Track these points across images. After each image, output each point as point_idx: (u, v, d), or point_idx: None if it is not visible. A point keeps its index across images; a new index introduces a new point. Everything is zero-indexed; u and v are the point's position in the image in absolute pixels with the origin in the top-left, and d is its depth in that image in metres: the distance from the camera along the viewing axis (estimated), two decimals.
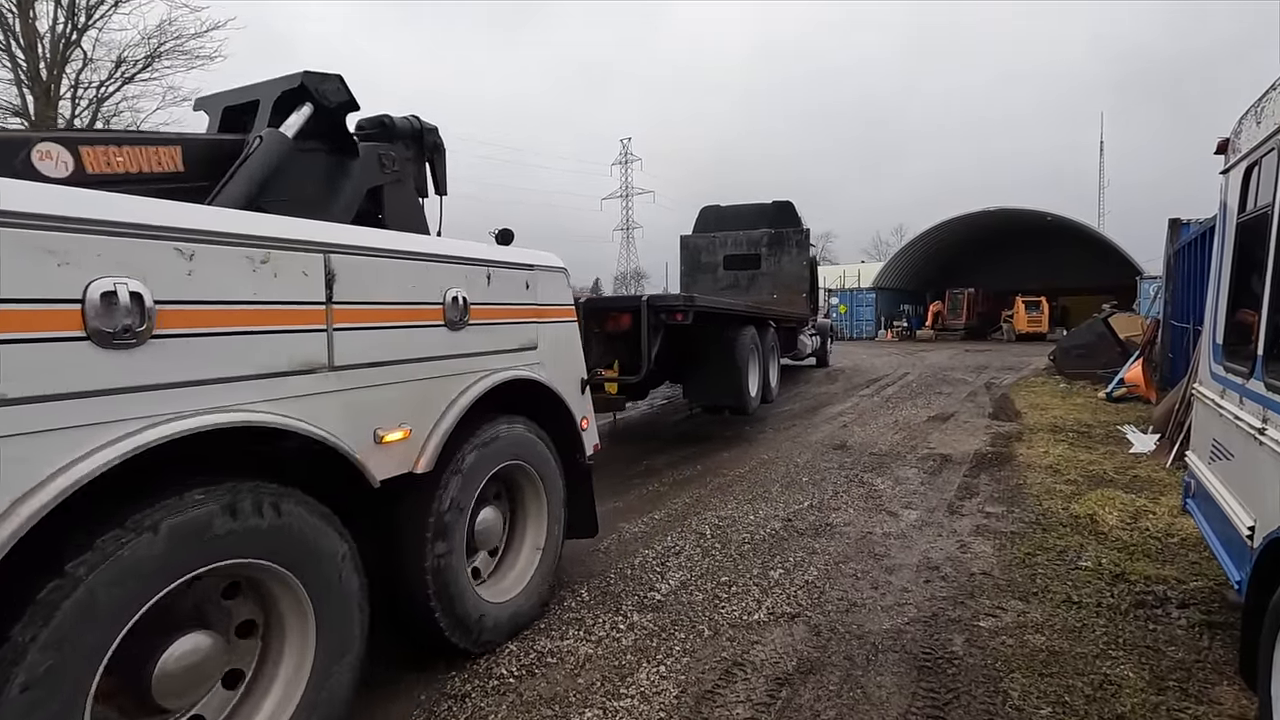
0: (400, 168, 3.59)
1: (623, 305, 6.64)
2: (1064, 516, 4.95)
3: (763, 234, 13.79)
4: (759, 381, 8.65)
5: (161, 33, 15.66)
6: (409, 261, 2.69)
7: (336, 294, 2.32)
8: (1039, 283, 34.12)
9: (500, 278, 3.17)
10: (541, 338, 3.45)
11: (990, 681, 2.83)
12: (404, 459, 2.61)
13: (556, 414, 3.56)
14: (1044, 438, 7.84)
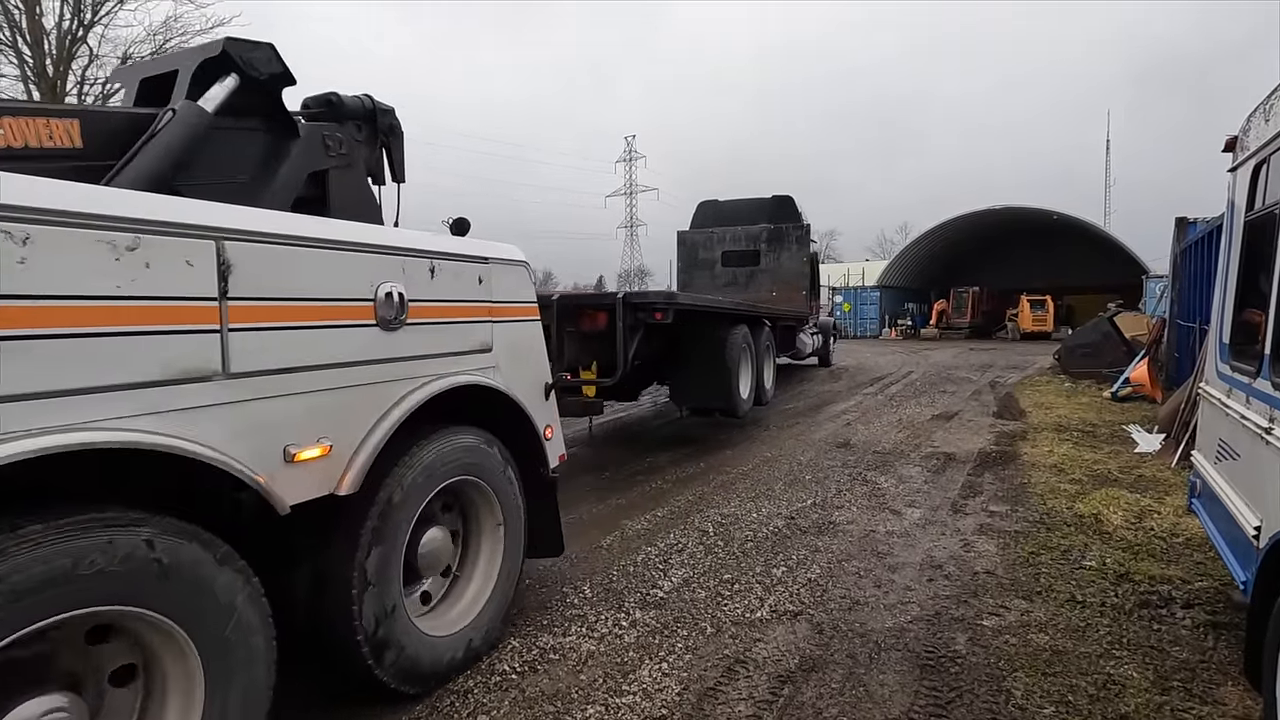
0: (349, 151, 3.25)
1: (598, 303, 6.16)
2: (1068, 516, 4.94)
3: (761, 229, 13.49)
4: (751, 383, 8.33)
5: (167, 29, 15.70)
6: (331, 251, 2.33)
7: (233, 288, 1.98)
8: (1044, 281, 33.99)
9: (447, 271, 2.83)
10: (497, 339, 3.11)
11: (993, 680, 2.82)
12: (324, 479, 2.27)
13: (516, 423, 3.21)
14: (1048, 437, 7.81)
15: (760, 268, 13.41)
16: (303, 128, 3.10)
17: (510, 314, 3.23)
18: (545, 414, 3.45)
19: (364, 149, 3.37)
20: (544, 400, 3.46)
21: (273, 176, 2.92)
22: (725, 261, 13.73)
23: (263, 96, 2.91)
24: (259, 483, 2.00)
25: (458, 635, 2.90)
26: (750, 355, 8.27)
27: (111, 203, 1.78)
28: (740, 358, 7.83)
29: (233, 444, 1.95)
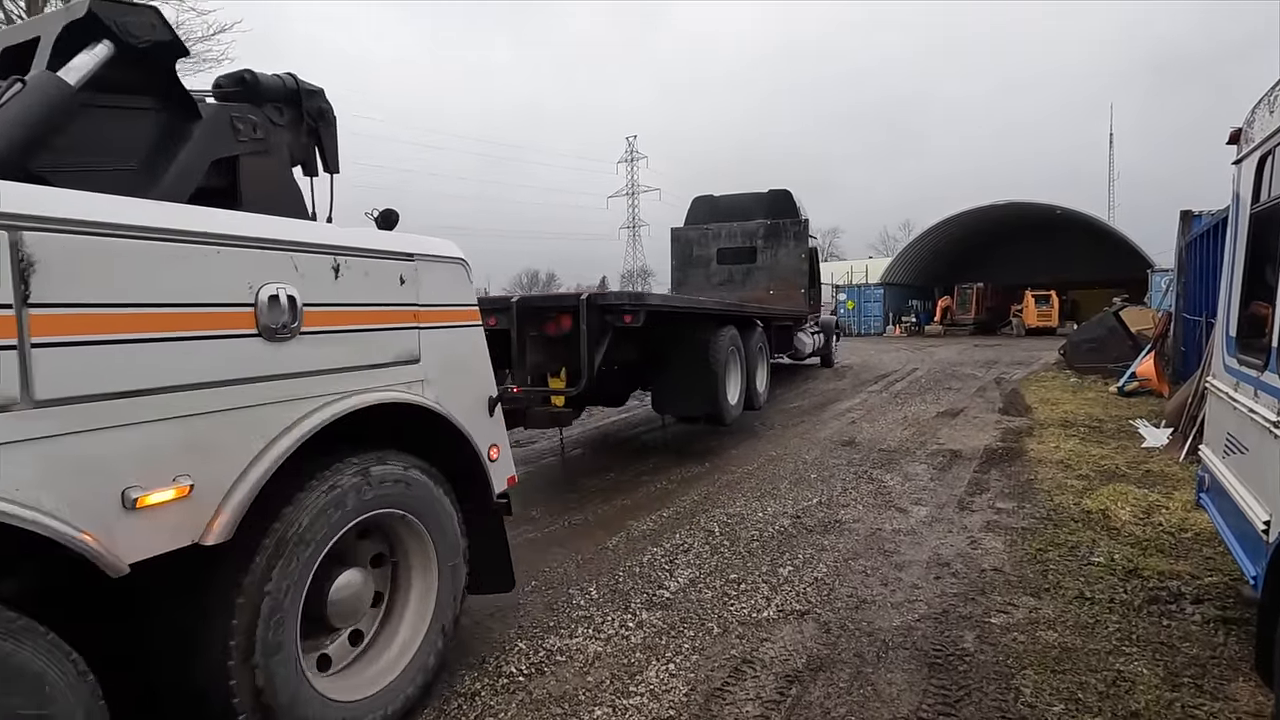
0: (265, 135, 2.87)
1: (561, 305, 5.63)
2: (1076, 512, 4.91)
3: (758, 225, 13.01)
4: (740, 387, 7.77)
5: None
6: (188, 245, 1.89)
7: (38, 292, 1.58)
8: (1048, 277, 33.89)
9: (357, 270, 2.43)
10: (427, 348, 2.72)
11: (1002, 678, 2.81)
12: (184, 526, 1.85)
13: (452, 444, 2.82)
14: (1055, 433, 7.78)
15: (757, 265, 12.95)
16: (207, 108, 2.72)
17: (443, 319, 2.85)
18: (489, 432, 3.06)
19: (286, 134, 2.98)
20: (488, 416, 3.07)
21: (168, 162, 2.53)
22: (721, 259, 13.27)
23: (150, 69, 2.50)
24: (83, 542, 1.60)
25: (378, 697, 2.47)
26: (739, 358, 7.75)
27: None
28: (727, 361, 7.26)
29: (41, 490, 1.56)
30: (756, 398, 8.66)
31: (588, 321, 5.29)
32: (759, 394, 8.87)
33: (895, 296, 35.39)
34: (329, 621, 2.39)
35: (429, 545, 2.71)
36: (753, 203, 13.33)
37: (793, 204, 13.09)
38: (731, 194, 13.74)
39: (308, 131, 3.09)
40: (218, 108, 2.78)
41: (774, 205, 13.10)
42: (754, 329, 8.85)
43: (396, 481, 2.52)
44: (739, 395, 7.68)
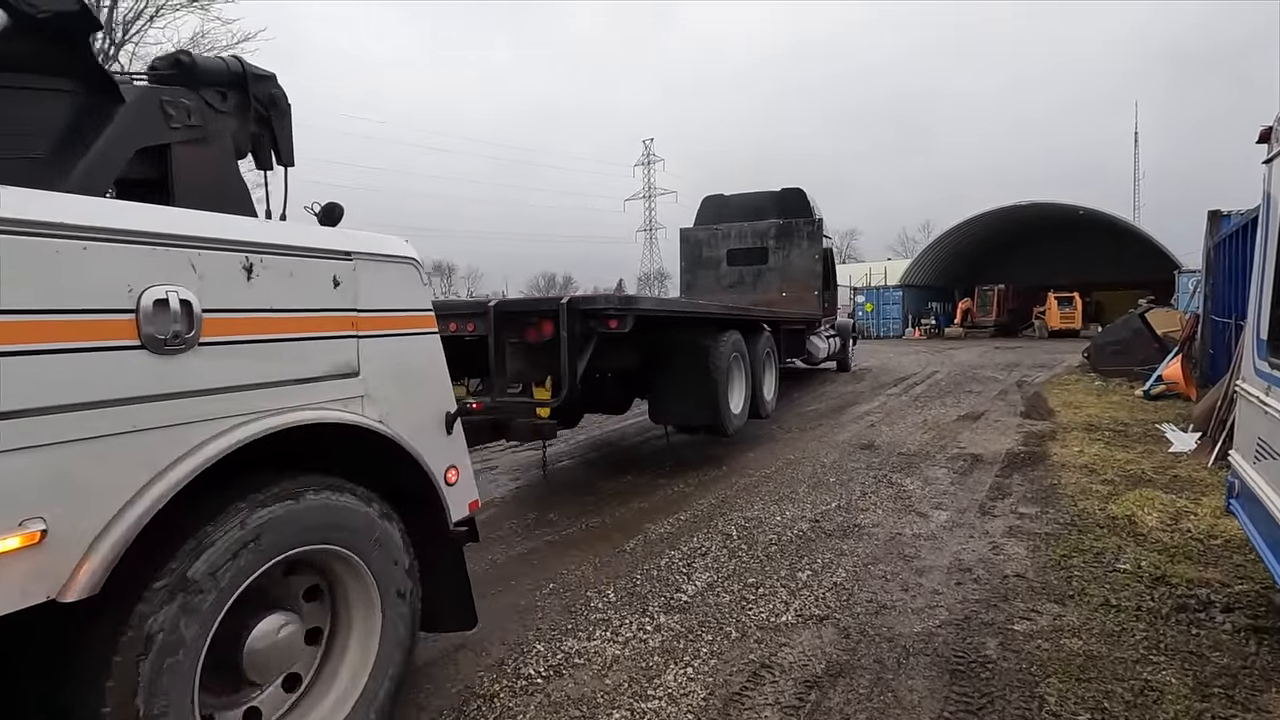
0: (203, 122, 2.59)
1: (541, 310, 5.17)
2: (1101, 517, 4.83)
3: (770, 225, 12.57)
4: (745, 395, 7.38)
5: (195, 45, 16.04)
6: (47, 240, 1.58)
7: None
8: (1071, 278, 33.39)
9: (276, 271, 2.09)
10: (368, 359, 2.40)
11: (1026, 686, 2.77)
12: (35, 580, 1.54)
13: (400, 467, 2.52)
14: (1079, 436, 7.66)
15: (768, 266, 12.54)
16: (131, 91, 2.45)
17: (390, 326, 2.53)
18: (446, 452, 2.75)
19: (230, 122, 2.72)
20: (444, 435, 2.76)
21: (82, 149, 2.26)
22: (731, 260, 12.85)
23: (57, 44, 2.21)
24: None
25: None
26: (743, 364, 7.36)
27: None
28: (729, 368, 6.88)
29: None
30: (763, 406, 8.26)
31: (569, 327, 4.82)
32: (766, 402, 8.43)
33: (914, 298, 35.08)
34: (247, 675, 2.04)
35: (369, 585, 2.34)
36: (764, 202, 12.92)
37: (806, 203, 12.67)
38: (742, 193, 13.30)
39: (257, 120, 2.82)
40: (145, 90, 2.50)
41: (786, 204, 12.70)
42: (760, 333, 8.46)
43: (327, 512, 2.16)
44: (743, 404, 7.33)
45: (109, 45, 15.45)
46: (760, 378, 8.08)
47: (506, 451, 7.71)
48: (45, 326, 1.57)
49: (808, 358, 12.55)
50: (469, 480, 2.91)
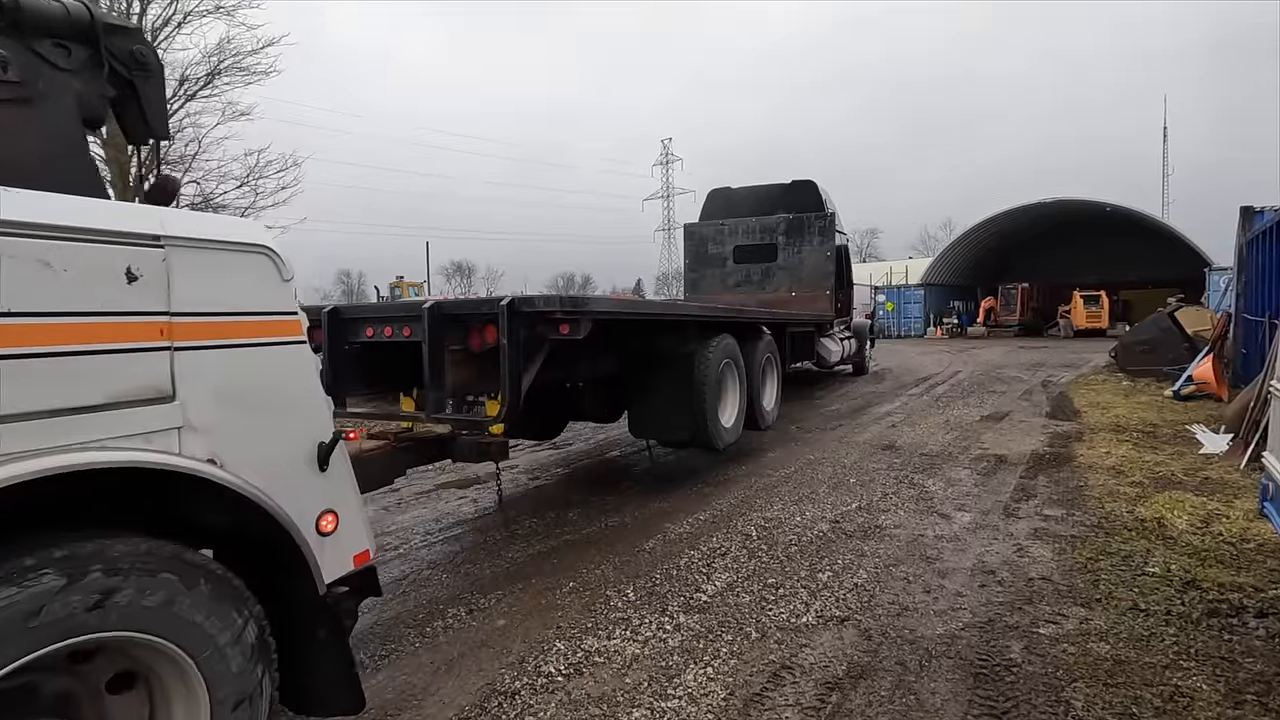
0: (29, 79, 2.13)
1: (482, 313, 4.29)
2: (1129, 520, 4.74)
3: (779, 220, 11.82)
4: (738, 406, 6.65)
5: (221, 51, 16.34)
6: None
7: None
8: (1098, 276, 32.82)
9: (22, 260, 1.56)
10: (190, 379, 1.87)
11: (1051, 690, 2.73)
12: None
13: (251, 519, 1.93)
14: (1106, 438, 7.53)
15: (777, 264, 11.81)
16: None
17: (226, 334, 1.99)
18: (317, 494, 2.21)
19: (73, 81, 2.26)
20: (315, 473, 2.22)
21: None
22: (738, 257, 12.12)
23: None
24: None
25: None
26: (737, 372, 6.62)
27: None
28: (719, 376, 6.17)
29: None
30: (762, 416, 7.47)
31: (510, 334, 4.03)
32: (765, 412, 7.64)
33: (936, 297, 34.69)
34: None
35: (193, 677, 1.75)
36: (773, 195, 12.16)
37: (817, 195, 11.87)
38: (749, 186, 12.55)
39: (118, 82, 2.37)
40: None
41: (796, 197, 11.93)
42: (759, 337, 7.68)
43: (119, 587, 1.58)
44: (736, 415, 6.62)
45: None
46: (758, 386, 7.32)
47: (527, 451, 7.76)
48: None
49: (819, 361, 11.64)
50: (357, 526, 2.38)
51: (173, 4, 15.88)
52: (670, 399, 5.92)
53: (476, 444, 4.51)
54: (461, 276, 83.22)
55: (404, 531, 5.00)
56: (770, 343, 7.96)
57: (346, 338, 4.41)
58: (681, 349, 5.93)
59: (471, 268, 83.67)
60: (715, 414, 6.05)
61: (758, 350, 7.39)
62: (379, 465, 3.87)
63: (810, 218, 11.72)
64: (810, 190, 11.90)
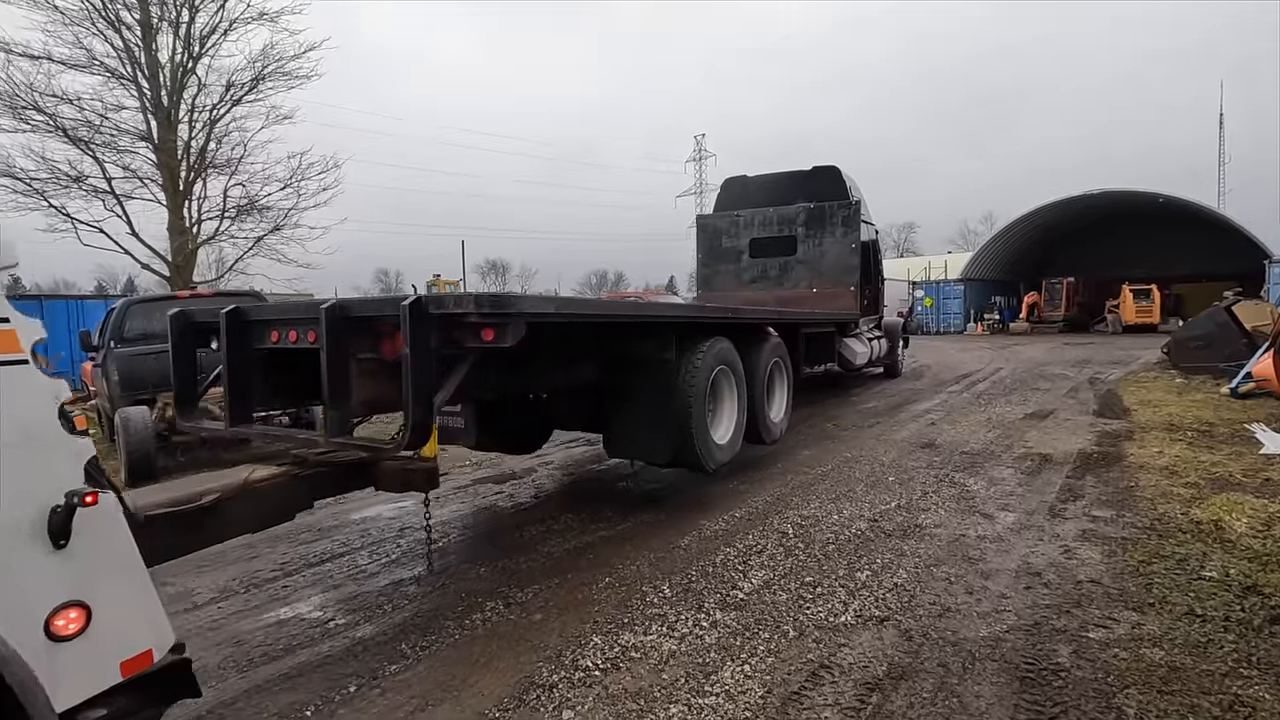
0: None
1: (386, 314, 3.42)
2: (1183, 522, 4.57)
3: (798, 210, 10.87)
4: (736, 419, 5.84)
5: (265, 56, 16.77)
6: None
7: None
8: (1148, 270, 31.71)
9: None
10: None
11: (1102, 696, 2.64)
12: None
13: None
14: (1158, 437, 7.26)
15: (797, 257, 10.90)
16: None
17: None
18: (43, 585, 1.65)
19: None
20: (42, 552, 1.65)
21: None
22: (754, 251, 11.24)
23: None
24: None
25: None
26: (734, 380, 5.82)
27: None
28: (709, 385, 5.32)
29: None
30: (768, 429, 6.62)
31: (415, 341, 3.09)
32: (772, 424, 6.73)
33: (977, 293, 33.91)
34: None
35: None
36: (792, 183, 11.18)
37: (841, 183, 10.89)
38: (767, 173, 11.62)
39: None
40: None
41: (818, 185, 10.96)
42: (763, 340, 6.76)
43: None
44: (733, 428, 5.80)
45: (187, 59, 16.31)
46: (760, 395, 6.44)
47: (560, 447, 7.81)
48: None
49: (843, 364, 10.65)
50: (129, 619, 1.81)
51: (219, 12, 16.38)
52: (650, 413, 5.09)
53: (400, 470, 3.64)
54: (496, 275, 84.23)
55: (442, 526, 5.08)
56: (777, 345, 7.04)
57: (252, 343, 3.74)
58: (661, 355, 5.06)
59: (506, 266, 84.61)
60: (704, 429, 5.24)
61: (761, 354, 6.56)
62: (271, 499, 3.17)
63: (833, 207, 10.74)
64: (833, 177, 10.97)
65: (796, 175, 11.31)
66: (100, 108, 15.48)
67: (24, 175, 14.82)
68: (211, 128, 16.74)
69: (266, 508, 3.18)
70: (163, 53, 16.07)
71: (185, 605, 3.78)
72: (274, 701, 2.80)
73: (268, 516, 3.23)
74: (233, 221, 17.24)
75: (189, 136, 16.41)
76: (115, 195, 15.74)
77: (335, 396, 3.32)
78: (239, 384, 3.74)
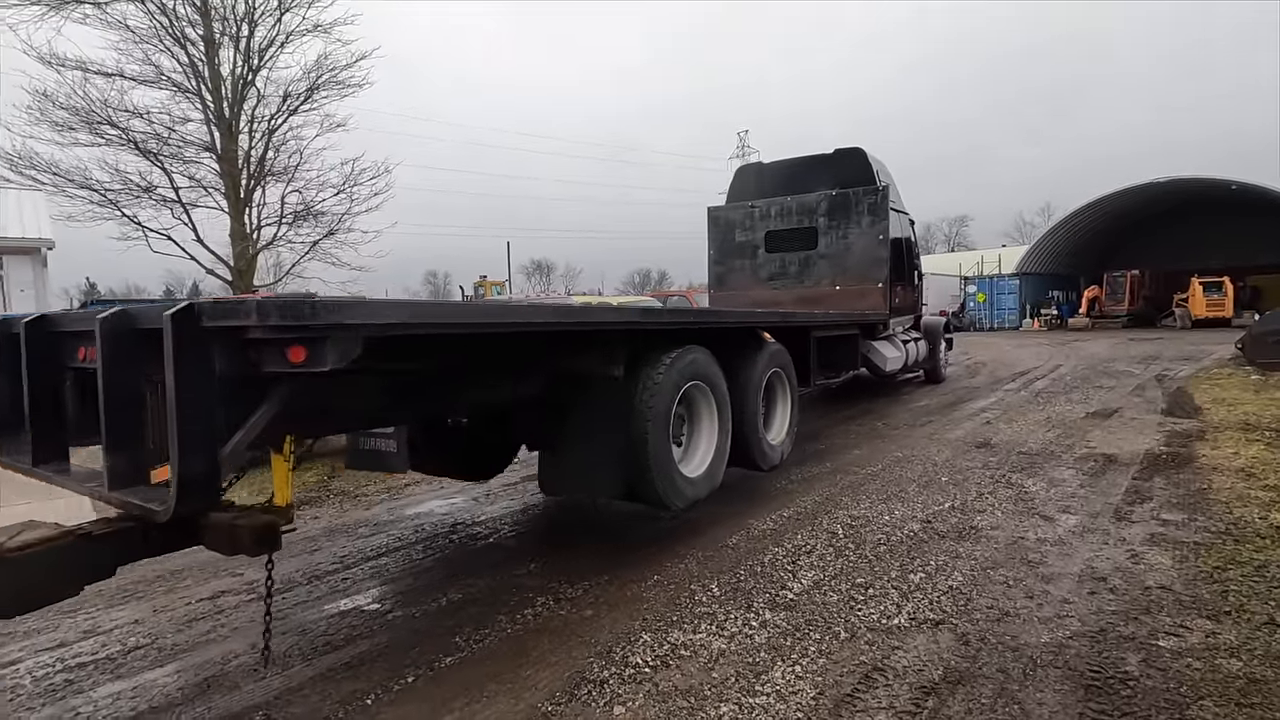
0: None
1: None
2: (1262, 527, 4.33)
3: (820, 199, 9.84)
4: (715, 443, 4.85)
5: (319, 67, 17.35)
6: None
7: None
8: (1220, 261, 30.07)
9: None
10: None
11: (1174, 708, 2.53)
12: None
13: None
14: (1233, 437, 6.89)
15: (818, 251, 9.89)
16: None
17: None
18: None
19: None
20: None
21: None
22: (770, 245, 10.28)
23: None
24: None
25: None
26: (712, 399, 4.82)
27: None
28: (672, 408, 4.34)
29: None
30: (764, 454, 5.50)
31: (181, 366, 2.30)
32: (770, 448, 5.62)
33: (1033, 287, 32.75)
34: None
35: None
36: (812, 169, 10.15)
37: (866, 167, 9.74)
38: (784, 159, 10.57)
39: None
40: None
41: (841, 170, 9.85)
42: (758, 348, 5.61)
43: None
44: (711, 456, 4.80)
45: (246, 71, 16.99)
46: (753, 413, 5.33)
47: None
48: None
49: (873, 370, 9.53)
50: None
51: (276, 25, 17.01)
52: (593, 442, 4.17)
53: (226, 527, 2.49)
54: (541, 275, 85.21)
55: (493, 522, 5.18)
56: (778, 354, 5.90)
57: (64, 361, 3.00)
58: (606, 371, 4.03)
59: (550, 266, 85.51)
60: (665, 460, 4.25)
61: (754, 365, 5.44)
62: (35, 572, 2.30)
63: (858, 194, 9.65)
64: (857, 160, 9.82)
65: (817, 160, 10.20)
66: (168, 120, 16.26)
67: (99, 187, 15.69)
68: (270, 137, 17.40)
69: (29, 583, 2.30)
70: (224, 66, 16.78)
71: (250, 595, 3.95)
72: (337, 689, 2.91)
73: (33, 594, 2.36)
74: (290, 227, 17.91)
75: (249, 146, 17.10)
76: (182, 204, 16.52)
77: (117, 436, 2.54)
78: (44, 411, 2.99)
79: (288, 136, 17.80)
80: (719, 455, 4.90)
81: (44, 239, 14.34)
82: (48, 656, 3.33)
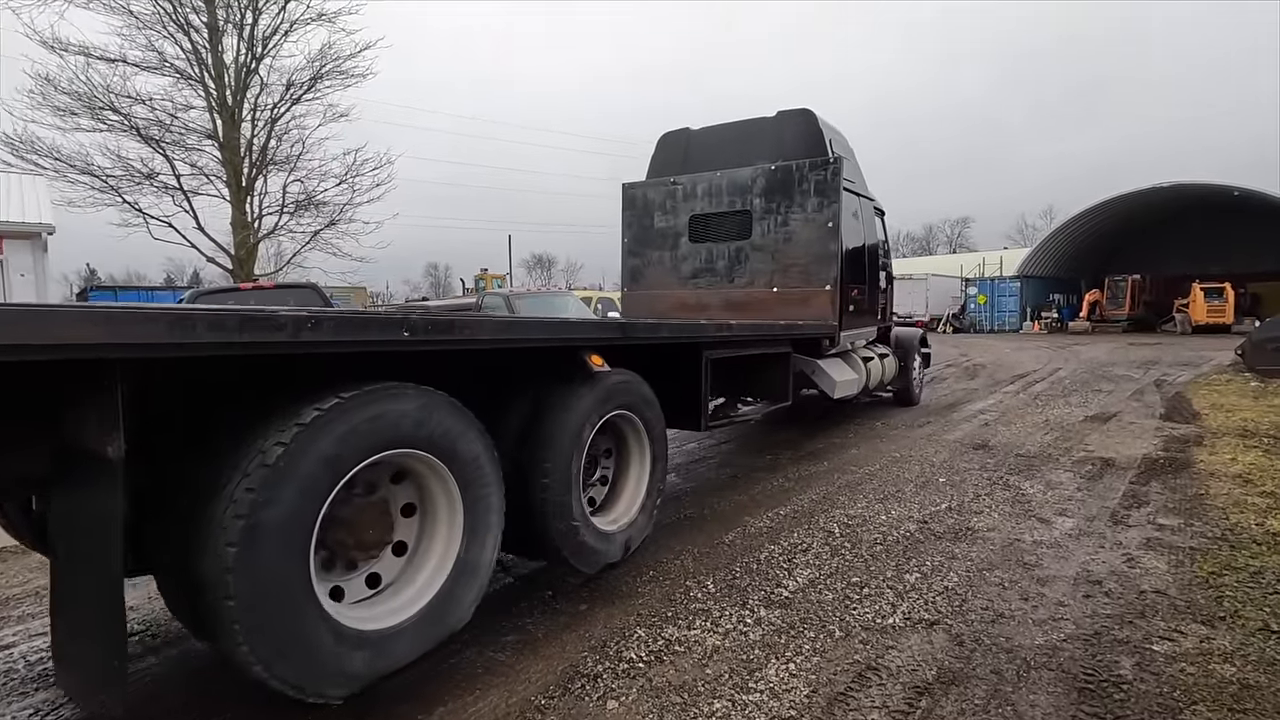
0: None
1: None
2: (1259, 533, 4.33)
3: (756, 173, 7.36)
4: (435, 564, 2.72)
5: (323, 56, 17.31)
6: None
7: None
8: (1221, 267, 30.12)
9: None
10: None
11: (1168, 712, 2.53)
12: None
13: None
14: (1231, 443, 6.89)
15: (752, 242, 7.44)
16: None
17: None
18: None
19: None
20: None
21: None
22: (694, 234, 7.80)
23: None
24: None
25: None
26: (445, 478, 2.69)
27: None
28: (315, 518, 2.15)
29: None
30: (580, 546, 3.46)
31: None
32: (597, 536, 3.60)
33: (1034, 290, 32.75)
34: None
35: None
36: (752, 137, 7.66)
37: (816, 134, 7.31)
38: (719, 124, 8.05)
39: None
40: None
41: (782, 139, 7.44)
42: (581, 383, 3.48)
43: None
44: (436, 587, 2.70)
45: (250, 59, 16.93)
46: (562, 484, 3.29)
47: None
48: None
49: (819, 393, 7.27)
50: None
51: (280, 13, 16.94)
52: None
53: None
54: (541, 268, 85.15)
55: None
56: (621, 388, 3.76)
57: None
58: (89, 444, 1.80)
59: (551, 260, 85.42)
60: (296, 629, 2.15)
61: (571, 409, 3.38)
62: None
63: (803, 168, 7.14)
64: (803, 125, 7.38)
65: (756, 125, 7.74)
66: (170, 107, 16.22)
67: (100, 173, 15.63)
68: (272, 126, 17.36)
69: None
70: (228, 54, 16.74)
71: None
72: None
73: None
74: (291, 216, 17.88)
75: (251, 134, 17.06)
76: (183, 191, 16.49)
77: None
78: None
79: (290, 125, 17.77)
80: (451, 581, 2.74)
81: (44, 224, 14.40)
82: None
